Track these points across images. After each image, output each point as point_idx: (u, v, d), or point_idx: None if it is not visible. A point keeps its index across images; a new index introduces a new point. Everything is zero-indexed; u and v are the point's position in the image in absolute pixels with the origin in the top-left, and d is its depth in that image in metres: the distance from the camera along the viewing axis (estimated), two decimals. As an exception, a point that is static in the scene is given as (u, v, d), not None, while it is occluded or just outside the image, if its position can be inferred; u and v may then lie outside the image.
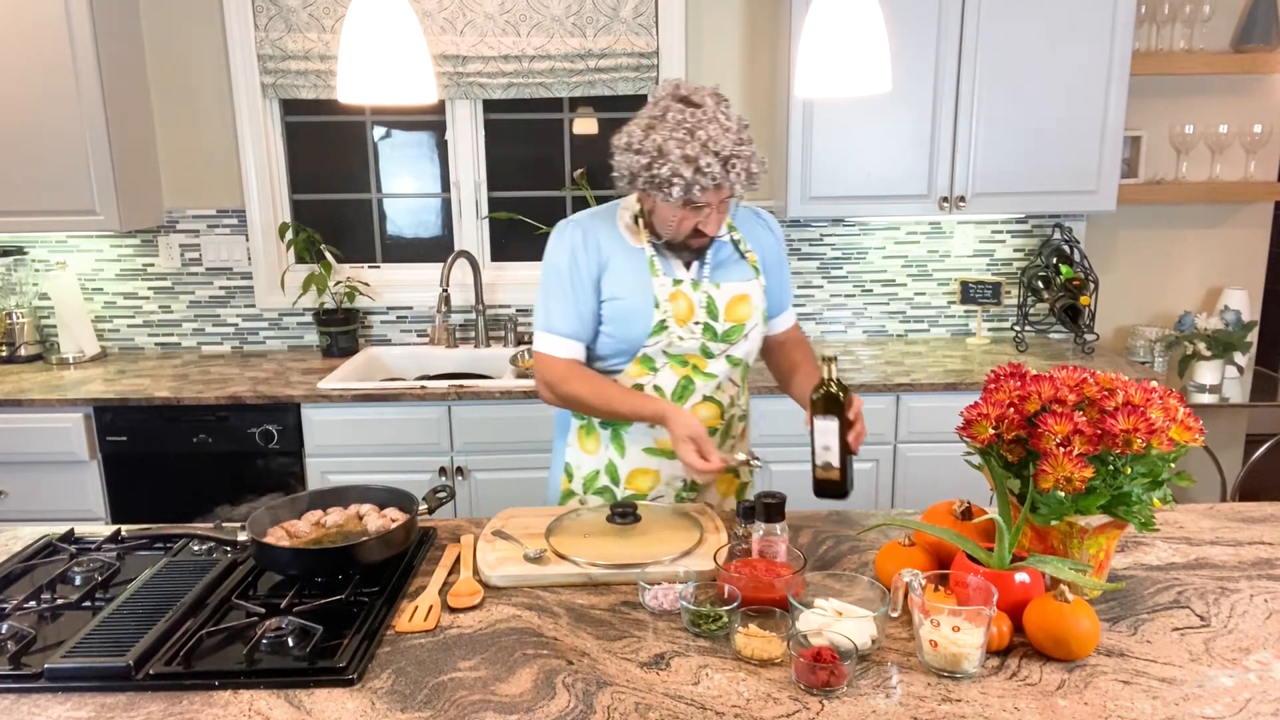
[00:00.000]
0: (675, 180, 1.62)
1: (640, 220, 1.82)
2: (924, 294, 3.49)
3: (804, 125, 3.01)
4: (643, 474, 1.87)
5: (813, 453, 1.64)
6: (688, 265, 1.82)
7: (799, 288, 3.46)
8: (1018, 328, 3.38)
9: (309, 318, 3.46)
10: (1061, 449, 1.29)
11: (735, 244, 1.87)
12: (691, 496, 1.89)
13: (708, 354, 1.83)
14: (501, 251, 3.51)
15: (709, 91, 1.70)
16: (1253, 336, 3.29)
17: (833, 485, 1.63)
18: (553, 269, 1.82)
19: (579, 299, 1.80)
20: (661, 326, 1.78)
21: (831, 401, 1.61)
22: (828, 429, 1.61)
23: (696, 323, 1.80)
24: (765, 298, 1.89)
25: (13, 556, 1.63)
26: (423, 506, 1.66)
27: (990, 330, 3.51)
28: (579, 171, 3.39)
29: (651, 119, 1.68)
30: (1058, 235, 3.36)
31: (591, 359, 1.88)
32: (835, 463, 1.62)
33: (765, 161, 1.70)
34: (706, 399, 1.85)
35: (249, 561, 1.57)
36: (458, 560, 1.61)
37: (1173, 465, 1.34)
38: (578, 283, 1.80)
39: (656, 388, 1.82)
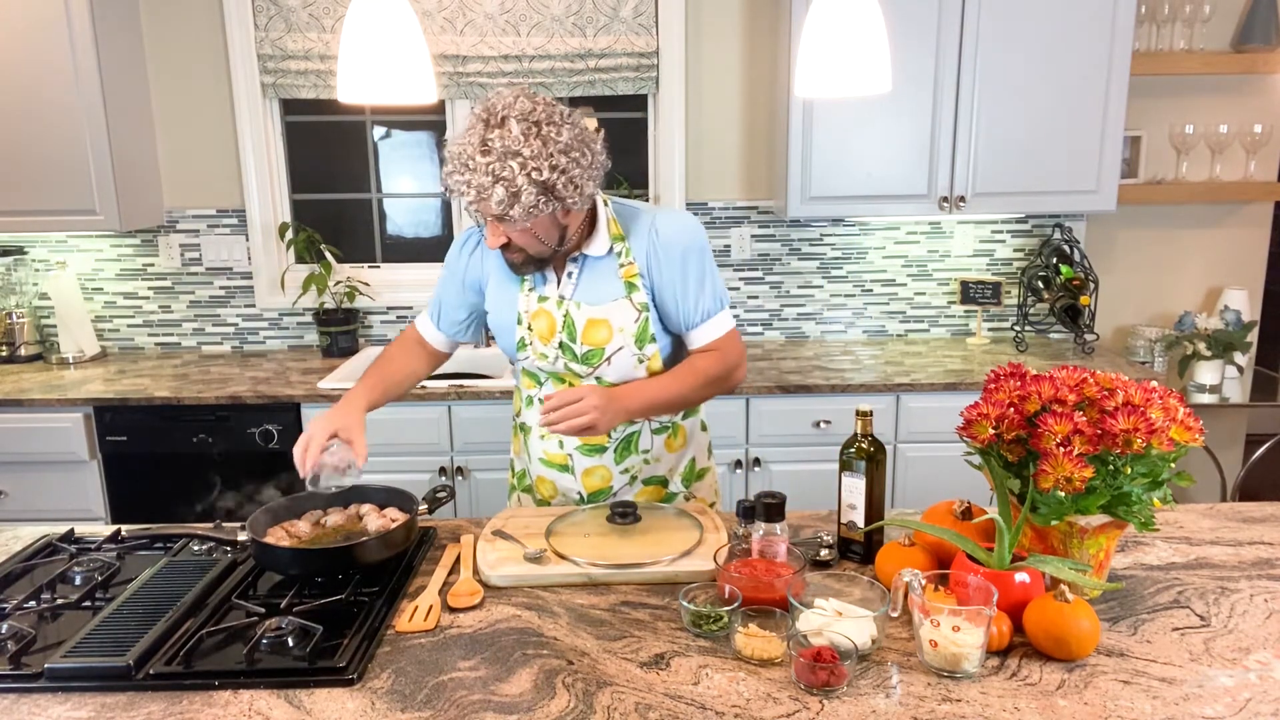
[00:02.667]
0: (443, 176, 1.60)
1: None
2: (924, 294, 3.49)
3: (804, 125, 3.01)
4: (543, 483, 1.88)
5: (839, 506, 1.59)
6: (559, 281, 1.75)
7: (798, 288, 3.46)
8: (1018, 328, 3.38)
9: (309, 318, 3.46)
10: (1061, 449, 1.29)
11: (616, 256, 1.74)
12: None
13: (575, 374, 1.77)
14: (501, 251, 3.50)
15: (505, 106, 1.53)
16: (1253, 336, 3.29)
17: (855, 544, 1.59)
18: (446, 259, 1.90)
19: (445, 292, 1.88)
20: (523, 344, 1.77)
21: (863, 459, 1.54)
22: (855, 488, 1.55)
23: (555, 343, 1.75)
24: (654, 312, 1.75)
25: (13, 556, 1.63)
26: (423, 506, 1.66)
27: (990, 330, 3.51)
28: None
29: None
30: (1058, 235, 3.36)
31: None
32: (860, 523, 1.56)
33: (515, 194, 1.50)
34: None
35: (249, 561, 1.57)
36: (458, 560, 1.61)
37: (1173, 465, 1.34)
38: (450, 278, 1.87)
39: (541, 401, 1.81)
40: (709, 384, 1.77)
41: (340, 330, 3.32)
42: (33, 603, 1.46)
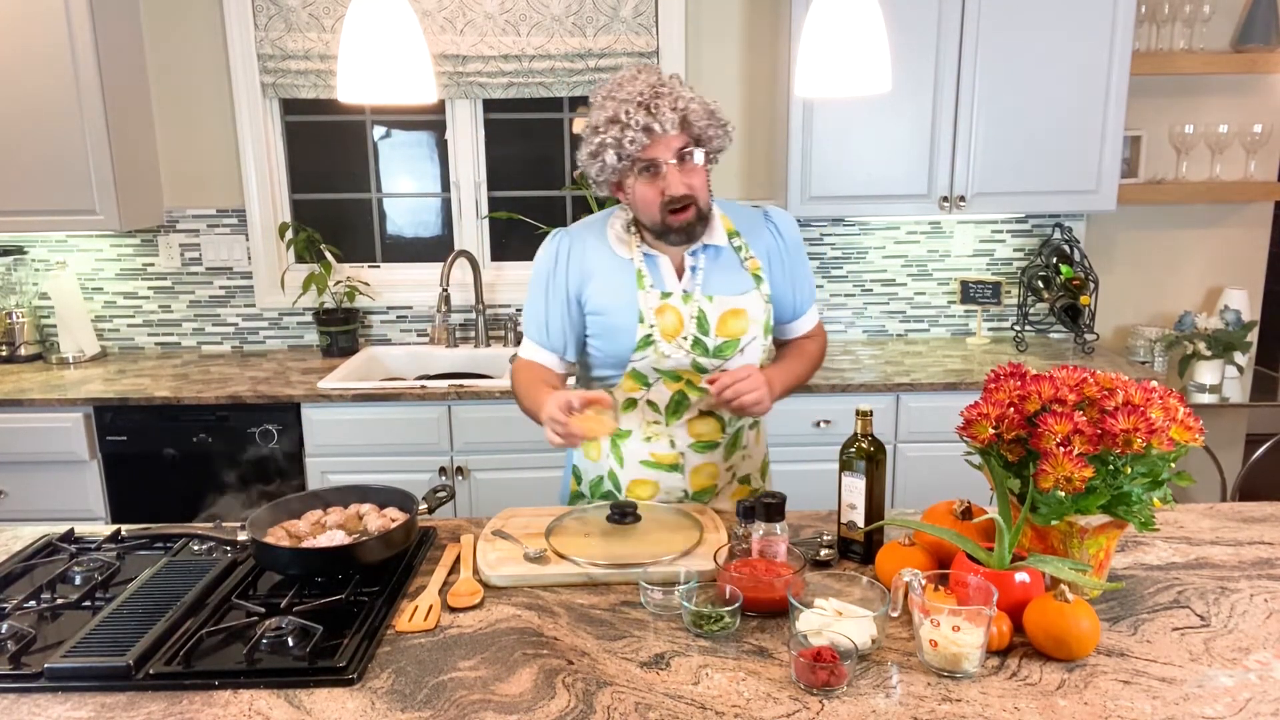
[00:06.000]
0: (608, 144, 1.62)
1: (632, 227, 1.78)
2: (924, 294, 3.49)
3: (804, 125, 3.01)
4: (642, 484, 1.86)
5: (839, 506, 1.59)
6: (680, 274, 1.77)
7: (799, 288, 3.46)
8: (1018, 327, 3.38)
9: (309, 317, 3.46)
10: (1061, 449, 1.29)
11: (736, 250, 1.79)
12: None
13: (700, 369, 1.76)
14: (501, 251, 3.51)
15: (642, 69, 1.69)
16: (1253, 336, 3.29)
17: (855, 544, 1.59)
18: (535, 277, 1.84)
19: (551, 310, 1.80)
20: (647, 341, 1.74)
21: (863, 459, 1.54)
22: (855, 488, 1.55)
23: (685, 337, 1.74)
24: (772, 305, 1.82)
25: (13, 556, 1.63)
26: (423, 506, 1.66)
27: (990, 330, 3.51)
28: (579, 171, 3.38)
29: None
30: (1058, 235, 3.36)
31: (587, 371, 1.87)
32: (860, 523, 1.56)
33: (713, 105, 1.66)
34: (704, 414, 1.80)
35: (249, 561, 1.57)
36: (458, 560, 1.61)
37: (1173, 465, 1.34)
38: (552, 294, 1.80)
39: (650, 403, 1.80)
40: (815, 365, 1.93)
41: (340, 330, 3.32)
42: (33, 603, 1.46)
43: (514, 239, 3.49)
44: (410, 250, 3.55)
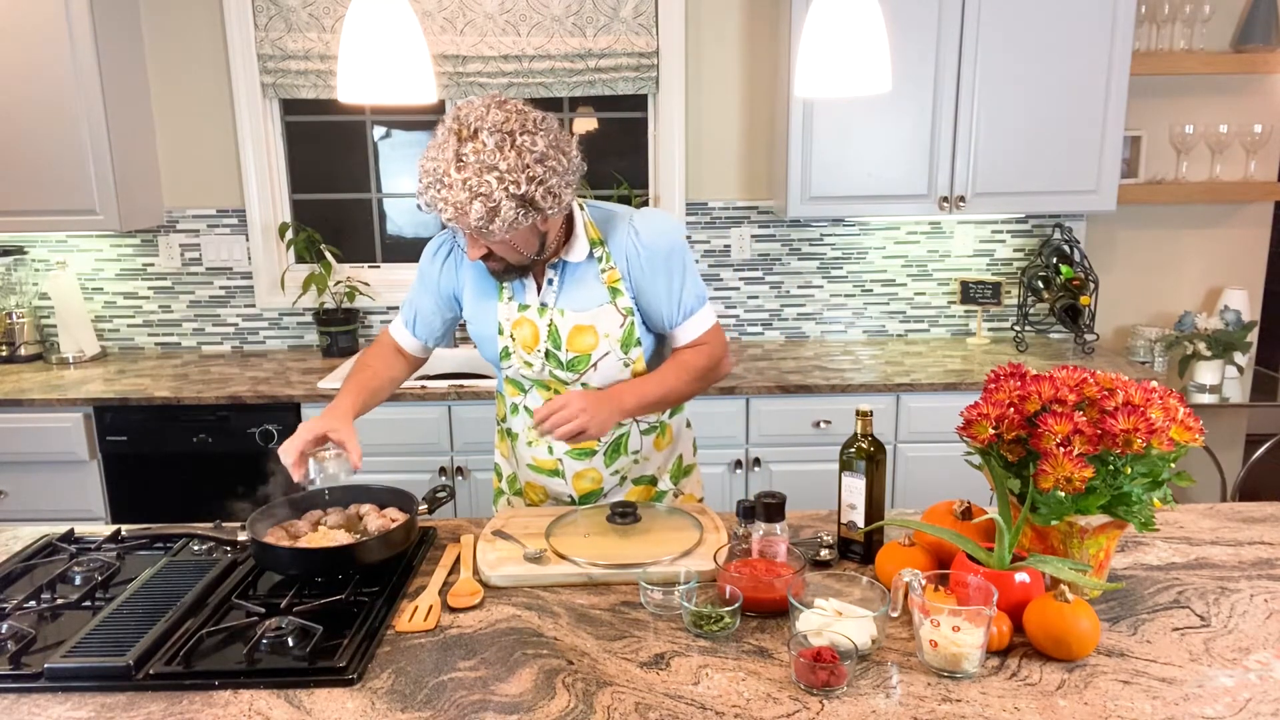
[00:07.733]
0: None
1: None
2: (924, 294, 3.49)
3: (804, 125, 3.01)
4: (532, 488, 1.89)
5: (839, 506, 1.59)
6: (539, 288, 1.73)
7: (798, 288, 3.46)
8: (1018, 328, 3.38)
9: (309, 317, 3.46)
10: (1061, 449, 1.29)
11: (597, 260, 1.72)
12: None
13: (560, 381, 1.76)
14: (501, 251, 3.51)
15: (478, 117, 1.49)
16: (1253, 336, 3.29)
17: (855, 544, 1.59)
18: (420, 263, 1.87)
19: (420, 300, 1.85)
20: (507, 353, 1.76)
21: (863, 460, 1.53)
22: (855, 488, 1.55)
23: (540, 350, 1.73)
24: (638, 314, 1.74)
25: (13, 556, 1.63)
26: (423, 506, 1.66)
27: (990, 330, 3.51)
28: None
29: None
30: (1058, 235, 3.36)
31: (499, 369, 1.86)
32: (860, 524, 1.56)
33: (494, 209, 1.46)
34: None
35: (249, 561, 1.57)
36: (458, 560, 1.61)
37: (1173, 465, 1.34)
38: (424, 287, 1.83)
39: (526, 409, 1.81)
40: (699, 378, 1.79)
41: (340, 330, 3.32)
42: (33, 603, 1.46)
43: (514, 239, 3.49)
44: (410, 250, 3.55)
